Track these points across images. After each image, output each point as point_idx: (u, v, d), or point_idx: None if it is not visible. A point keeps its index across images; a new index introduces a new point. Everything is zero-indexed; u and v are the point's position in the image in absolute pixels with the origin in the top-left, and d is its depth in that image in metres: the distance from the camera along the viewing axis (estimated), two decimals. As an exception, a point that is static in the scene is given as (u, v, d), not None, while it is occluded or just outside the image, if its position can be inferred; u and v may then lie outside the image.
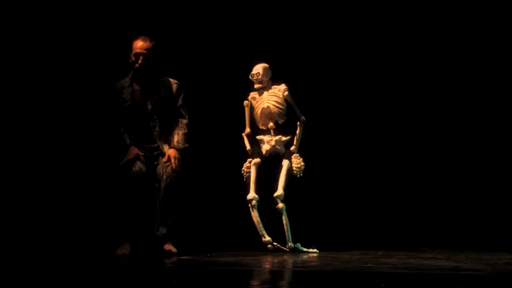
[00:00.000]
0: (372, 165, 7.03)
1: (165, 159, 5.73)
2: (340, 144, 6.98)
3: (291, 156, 6.08)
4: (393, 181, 6.96)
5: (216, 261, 5.11)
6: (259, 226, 5.92)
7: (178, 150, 5.79)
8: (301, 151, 6.13)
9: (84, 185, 6.68)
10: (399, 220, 6.83)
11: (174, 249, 5.63)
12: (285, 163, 6.06)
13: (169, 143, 5.84)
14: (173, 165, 5.70)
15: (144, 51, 5.80)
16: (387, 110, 7.07)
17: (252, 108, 6.23)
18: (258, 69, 6.19)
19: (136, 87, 5.87)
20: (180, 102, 5.94)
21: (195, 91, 6.36)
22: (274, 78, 6.24)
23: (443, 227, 6.81)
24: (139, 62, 5.79)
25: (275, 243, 5.91)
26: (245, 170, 6.13)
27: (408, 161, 7.02)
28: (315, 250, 5.91)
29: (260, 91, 6.20)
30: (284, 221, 5.91)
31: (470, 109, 6.99)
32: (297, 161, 6.08)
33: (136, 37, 5.84)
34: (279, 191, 5.95)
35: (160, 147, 5.83)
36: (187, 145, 5.84)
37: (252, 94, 6.24)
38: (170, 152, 5.75)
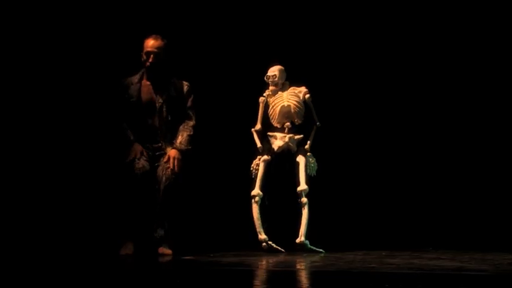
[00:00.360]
0: (376, 165, 7.02)
1: (165, 160, 5.71)
2: (344, 145, 6.97)
3: (305, 154, 6.09)
4: (397, 181, 6.94)
5: (219, 262, 5.11)
6: (258, 223, 5.92)
7: (179, 151, 5.76)
8: (310, 152, 6.15)
9: (86, 183, 6.66)
10: (403, 220, 6.81)
11: (167, 252, 5.61)
12: (301, 159, 6.07)
13: (173, 144, 5.81)
14: (171, 165, 5.67)
15: (155, 50, 5.79)
16: (389, 111, 7.06)
17: (266, 106, 6.23)
18: (275, 71, 6.21)
19: (145, 83, 5.85)
20: (189, 103, 5.93)
21: (201, 89, 6.35)
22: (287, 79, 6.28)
23: (447, 227, 6.79)
24: (150, 60, 5.78)
25: (270, 242, 5.90)
26: (254, 167, 6.12)
27: (412, 161, 7.01)
28: (321, 250, 5.90)
29: (279, 91, 6.21)
30: (305, 215, 5.90)
31: (473, 111, 6.98)
32: (311, 160, 6.11)
33: (147, 36, 5.84)
34: (303, 185, 5.97)
35: (163, 147, 5.81)
36: (189, 147, 5.81)
37: (268, 91, 6.24)
38: (171, 153, 5.72)
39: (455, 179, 6.92)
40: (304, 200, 5.94)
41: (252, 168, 6.13)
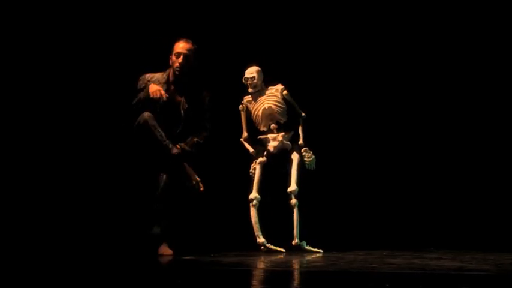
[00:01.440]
0: (377, 165, 7.03)
1: None
2: (344, 144, 6.98)
3: (299, 150, 6.09)
4: (398, 181, 6.95)
5: (220, 262, 5.10)
6: (256, 226, 5.92)
7: (182, 149, 5.75)
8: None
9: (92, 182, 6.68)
10: (404, 220, 6.81)
11: (167, 252, 5.60)
12: (295, 157, 6.08)
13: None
14: None
15: (186, 52, 5.80)
16: (392, 110, 7.06)
17: (248, 112, 6.23)
18: (253, 72, 6.20)
19: (172, 87, 5.83)
20: (207, 115, 5.92)
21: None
22: (266, 76, 6.26)
23: (448, 227, 6.79)
24: (180, 61, 5.78)
25: (268, 245, 5.90)
26: (252, 171, 6.12)
27: (413, 161, 7.02)
28: (319, 250, 5.89)
29: (256, 94, 6.21)
30: (295, 217, 5.90)
31: (474, 110, 6.99)
32: (308, 155, 6.11)
33: (178, 39, 5.86)
34: (293, 186, 5.96)
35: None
36: (192, 150, 5.81)
37: (247, 98, 6.24)
38: (172, 148, 5.74)
39: (457, 179, 6.93)
40: (294, 201, 5.93)
41: (250, 173, 6.13)
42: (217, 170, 6.77)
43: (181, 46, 5.83)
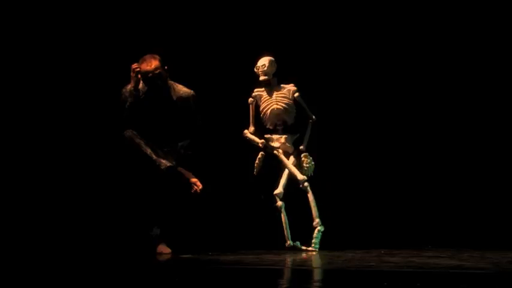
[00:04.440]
0: (375, 163, 7.02)
1: None
2: (343, 143, 6.97)
3: (299, 155, 6.09)
4: (396, 179, 6.94)
5: (218, 260, 5.10)
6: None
7: (177, 152, 5.75)
8: (308, 150, 6.13)
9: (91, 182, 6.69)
10: (402, 218, 6.81)
11: (166, 250, 5.60)
12: (291, 160, 6.08)
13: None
14: None
15: (150, 76, 5.64)
16: (387, 108, 7.06)
17: (257, 107, 6.20)
18: (264, 61, 6.14)
19: (149, 94, 5.75)
20: (193, 110, 5.87)
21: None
22: (279, 74, 6.23)
23: (446, 226, 6.79)
24: (150, 82, 5.66)
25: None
26: (258, 163, 6.10)
27: (411, 159, 7.01)
28: (313, 249, 5.89)
29: (268, 89, 6.17)
30: (283, 219, 5.90)
31: (471, 108, 6.98)
32: (307, 160, 6.09)
33: (142, 58, 5.68)
34: (279, 189, 5.97)
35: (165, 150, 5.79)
36: (189, 152, 5.79)
37: (257, 91, 6.20)
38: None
39: (454, 177, 6.93)
40: (279, 203, 5.93)
41: (256, 164, 6.11)
42: (214, 169, 6.78)
43: (143, 67, 5.64)
